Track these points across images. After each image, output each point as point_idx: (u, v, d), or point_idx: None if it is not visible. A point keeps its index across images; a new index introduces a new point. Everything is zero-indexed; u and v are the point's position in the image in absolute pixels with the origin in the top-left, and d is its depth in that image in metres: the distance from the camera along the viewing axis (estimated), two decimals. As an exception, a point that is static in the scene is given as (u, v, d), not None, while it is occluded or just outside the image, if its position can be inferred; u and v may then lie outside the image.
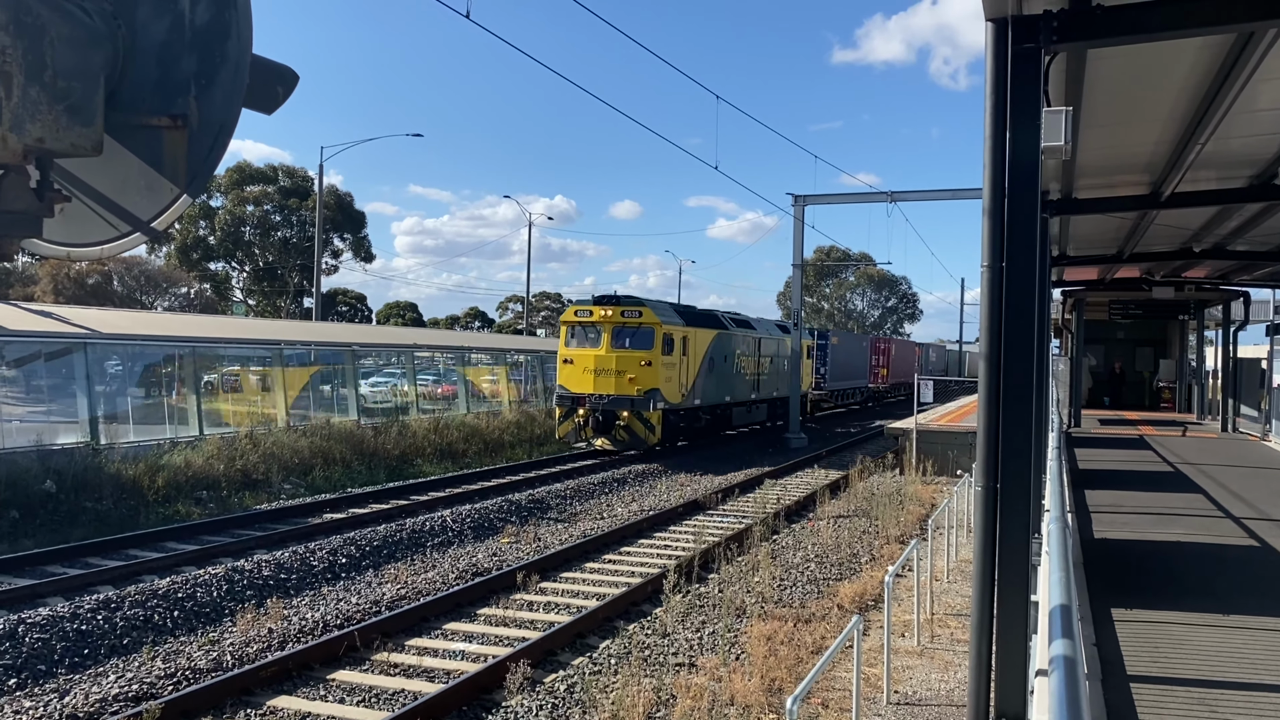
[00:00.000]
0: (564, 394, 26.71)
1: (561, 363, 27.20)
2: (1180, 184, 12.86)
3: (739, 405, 33.74)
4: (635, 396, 25.91)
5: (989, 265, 6.06)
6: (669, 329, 26.84)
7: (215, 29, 2.44)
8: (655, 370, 26.04)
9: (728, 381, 32.04)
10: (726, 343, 31.84)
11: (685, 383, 28.08)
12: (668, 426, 26.93)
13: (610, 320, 26.56)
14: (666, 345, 26.55)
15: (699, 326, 29.51)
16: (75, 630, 10.34)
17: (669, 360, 26.78)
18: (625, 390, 25.96)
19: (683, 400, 27.99)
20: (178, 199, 2.48)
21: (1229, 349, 27.43)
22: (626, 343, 26.38)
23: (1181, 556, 10.56)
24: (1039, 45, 5.92)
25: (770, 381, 37.21)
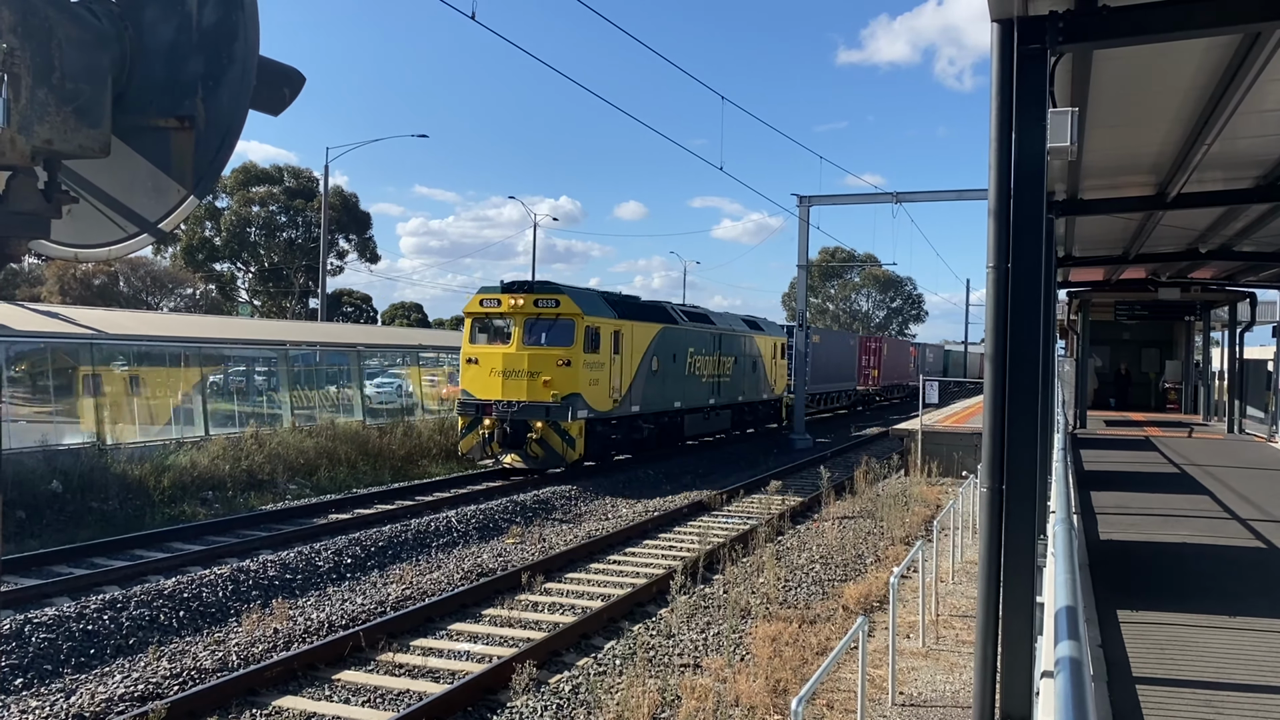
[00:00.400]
0: (468, 400, 22.67)
1: (465, 363, 23.18)
2: (1186, 185, 12.83)
3: (694, 412, 29.50)
4: (551, 403, 21.90)
5: (994, 266, 6.05)
6: (594, 322, 22.91)
7: (222, 30, 2.44)
8: (576, 371, 22.09)
9: (678, 385, 27.96)
10: (675, 339, 27.75)
11: (618, 386, 24.09)
12: (594, 439, 23.06)
13: (522, 311, 22.58)
14: (590, 341, 22.67)
15: (637, 319, 25.51)
16: (81, 630, 10.36)
17: (595, 359, 22.85)
18: (539, 396, 21.98)
19: (615, 407, 24.02)
20: (185, 200, 2.49)
21: (1235, 350, 27.36)
22: (542, 339, 22.45)
23: (1187, 558, 10.53)
24: (1045, 46, 5.91)
25: (734, 384, 32.92)
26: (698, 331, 29.60)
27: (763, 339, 36.34)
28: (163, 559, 13.59)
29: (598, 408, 23.01)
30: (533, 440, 21.92)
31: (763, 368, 36.06)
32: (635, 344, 25.09)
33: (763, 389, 36.20)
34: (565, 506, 19.65)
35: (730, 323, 33.57)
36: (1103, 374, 35.83)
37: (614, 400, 23.92)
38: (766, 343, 36.61)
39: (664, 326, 27.16)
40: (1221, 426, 27.77)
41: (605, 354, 23.40)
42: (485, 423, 22.16)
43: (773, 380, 37.23)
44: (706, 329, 30.45)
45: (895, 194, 33.75)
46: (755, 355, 35.07)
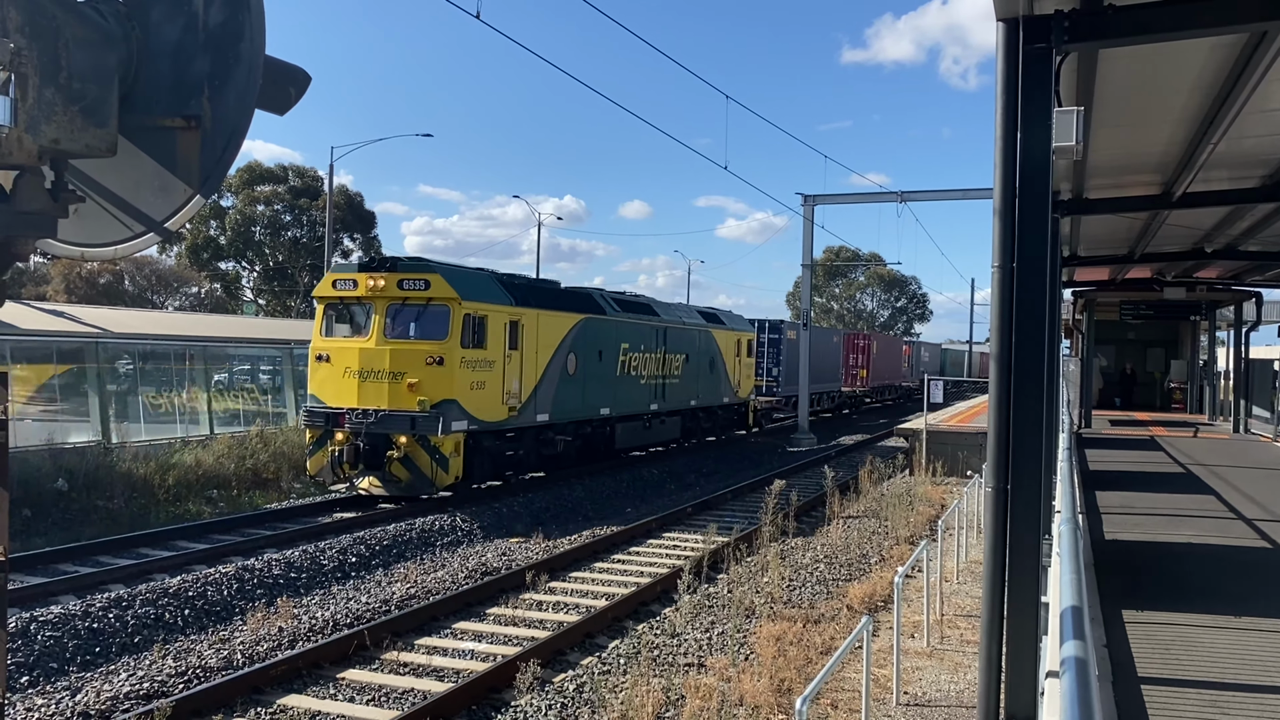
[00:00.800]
0: (316, 409, 18.06)
1: (314, 360, 18.46)
2: (1192, 184, 12.80)
3: (629, 420, 25.05)
4: (418, 413, 17.35)
5: (999, 265, 6.05)
6: (477, 309, 18.33)
7: (229, 30, 2.45)
8: (450, 372, 17.59)
9: (607, 388, 23.62)
10: (603, 333, 23.43)
11: (516, 391, 19.66)
12: (481, 457, 18.72)
13: (383, 295, 17.99)
14: (472, 333, 18.19)
15: (546, 308, 21.04)
16: (86, 628, 10.39)
17: (479, 357, 18.40)
18: (403, 403, 17.51)
19: (513, 416, 19.57)
20: (191, 199, 2.50)
21: (1241, 350, 27.30)
22: (409, 330, 18.08)
23: (1193, 558, 10.51)
24: (1050, 45, 5.91)
25: (686, 387, 28.59)
26: (635, 324, 25.35)
27: (723, 334, 31.83)
28: (168, 557, 13.62)
29: (484, 417, 18.59)
30: (394, 460, 17.48)
31: (723, 367, 31.66)
32: (543, 338, 20.79)
33: (723, 391, 31.80)
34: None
35: (680, 315, 29.40)
36: (1108, 374, 35.77)
37: (510, 408, 19.50)
38: (728, 339, 32.24)
39: (586, 318, 22.67)
40: (1227, 426, 27.72)
41: (496, 349, 18.97)
42: (337, 437, 17.74)
43: (736, 381, 32.78)
44: (646, 321, 26.19)
45: (900, 193, 33.74)
46: (713, 353, 30.82)
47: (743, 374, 33.56)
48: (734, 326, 33.32)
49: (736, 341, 32.99)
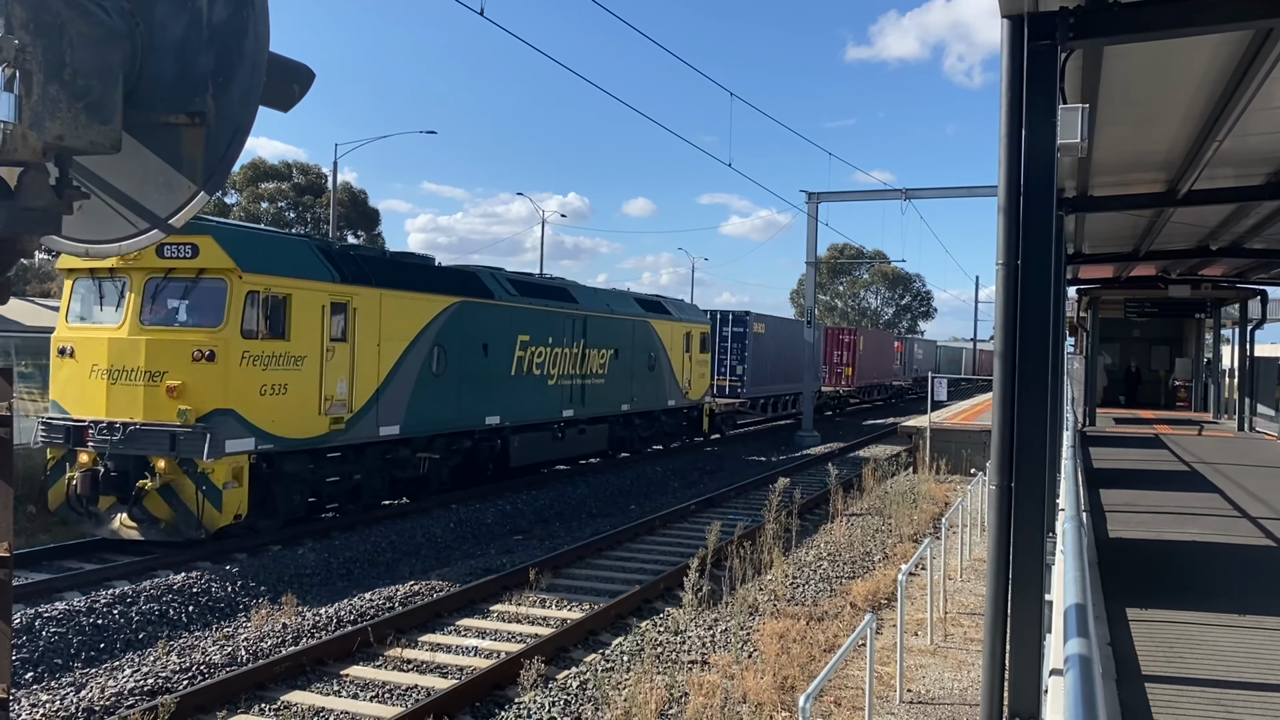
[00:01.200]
0: (56, 420, 13.88)
1: (55, 354, 14.17)
2: (1197, 181, 12.78)
3: (532, 430, 20.60)
4: (179, 428, 13.03)
5: (1004, 263, 6.04)
6: (269, 284, 13.88)
7: (233, 27, 2.45)
8: (224, 371, 13.24)
9: (494, 391, 19.06)
10: (487, 321, 18.75)
11: (344, 396, 15.18)
12: (284, 486, 14.49)
13: (140, 265, 13.52)
14: (263, 318, 13.82)
15: (393, 287, 16.35)
16: (91, 624, 10.41)
17: (274, 350, 13.94)
18: (163, 414, 13.21)
19: (337, 430, 15.12)
20: (195, 196, 2.50)
21: (1246, 348, 27.25)
22: (175, 313, 13.69)
23: (1197, 556, 10.50)
24: (1055, 42, 5.89)
25: (615, 388, 24.24)
26: (539, 312, 20.73)
27: (668, 326, 27.66)
28: (173, 554, 13.63)
29: (287, 433, 14.13)
30: (147, 491, 13.14)
31: (667, 365, 27.51)
32: (390, 327, 16.22)
33: (668, 393, 27.52)
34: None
35: (607, 302, 24.85)
36: (1112, 371, 35.73)
37: (335, 419, 15.04)
38: (674, 331, 28.06)
39: (460, 302, 17.84)
40: (1232, 424, 27.68)
41: (307, 341, 14.55)
42: (80, 459, 13.62)
43: (685, 381, 28.54)
44: (557, 308, 21.65)
45: (904, 190, 33.71)
46: (653, 348, 26.53)
47: (694, 372, 29.26)
48: (683, 317, 29.08)
49: (686, 335, 28.70)
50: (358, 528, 15.60)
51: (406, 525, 15.99)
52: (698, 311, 31.93)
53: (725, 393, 34.46)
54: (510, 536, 16.60)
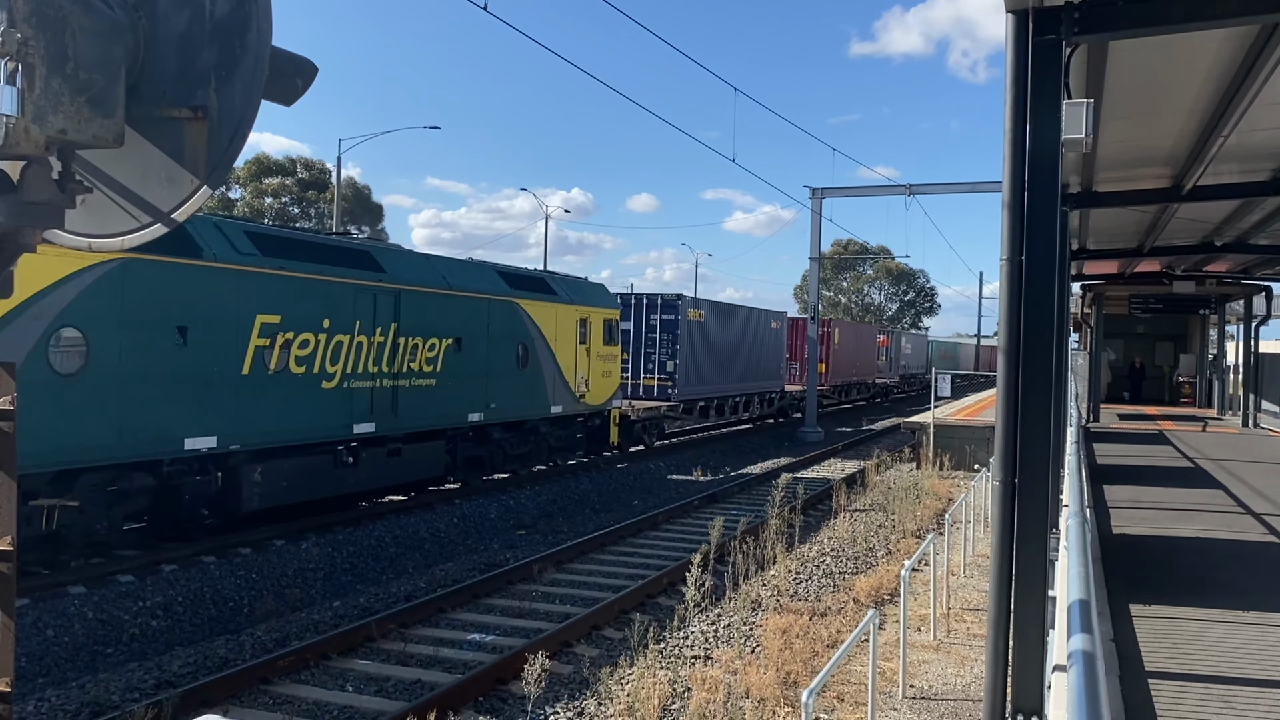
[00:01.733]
0: None
1: None
2: (1202, 177, 12.74)
3: (290, 455, 14.46)
4: None
5: (1008, 259, 6.02)
6: None
7: (235, 21, 2.45)
8: None
9: (206, 398, 13.04)
10: (182, 292, 12.62)
11: None
12: None
13: None
14: None
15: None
16: (96, 619, 10.44)
17: None
18: None
19: None
20: (198, 190, 2.50)
21: (1251, 344, 27.20)
22: None
23: (1201, 552, 10.48)
24: (1060, 37, 5.87)
25: (457, 391, 18.18)
26: (297, 282, 14.42)
27: (549, 309, 21.19)
28: (178, 549, 13.64)
29: None
30: None
31: (548, 360, 21.17)
32: None
33: (551, 397, 21.25)
34: None
35: (441, 274, 18.23)
36: (1116, 367, 35.68)
37: None
38: (560, 317, 21.77)
39: (119, 261, 11.76)
40: (1236, 421, 27.63)
41: None
42: None
43: (579, 381, 22.43)
44: (337, 278, 15.25)
45: (908, 186, 33.65)
46: (526, 337, 20.29)
47: (595, 370, 23.21)
48: (576, 299, 22.75)
49: (580, 322, 22.65)
50: (362, 523, 15.63)
51: (410, 520, 16.01)
52: (602, 293, 25.00)
53: (653, 395, 28.46)
54: (513, 531, 16.61)
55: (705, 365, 30.60)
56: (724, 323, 32.56)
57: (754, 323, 35.40)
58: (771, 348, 37.25)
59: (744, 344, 34.06)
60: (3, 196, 2.28)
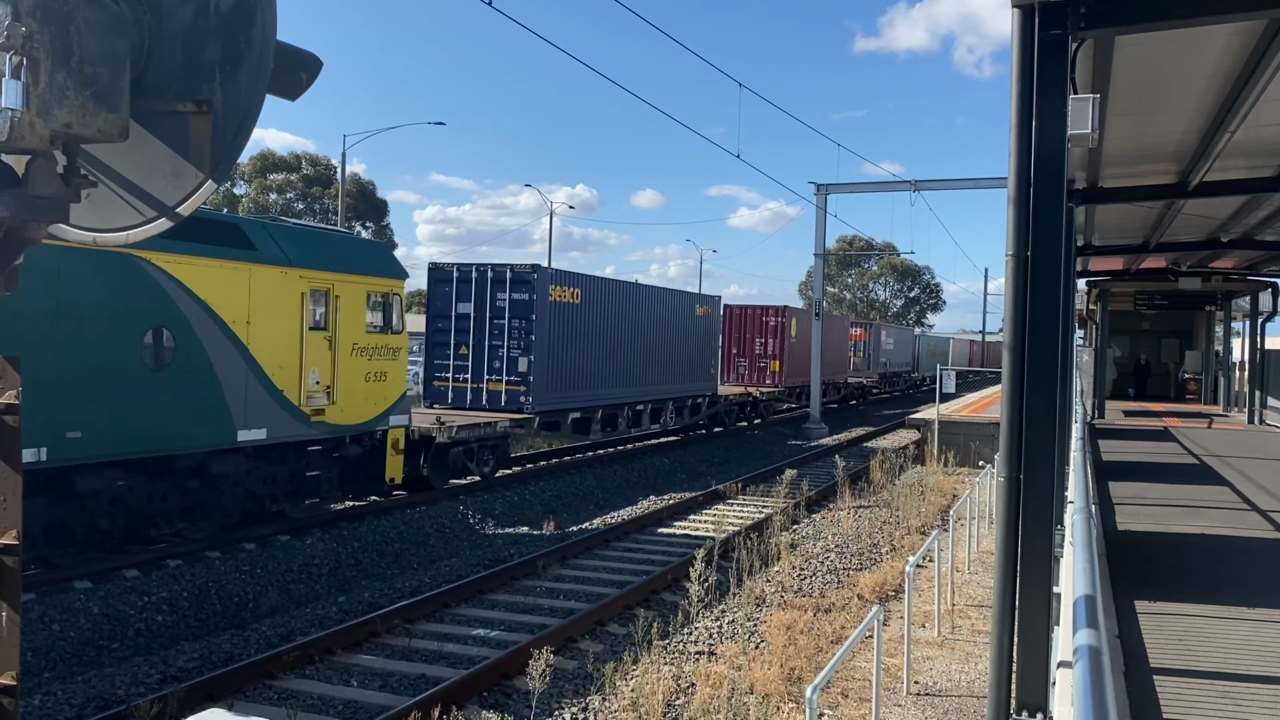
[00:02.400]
0: None
1: None
2: (1208, 173, 12.70)
3: None
4: None
5: (1013, 255, 6.01)
6: None
7: (240, 15, 2.45)
8: None
9: None
10: None
11: None
12: None
13: None
14: None
15: None
16: (102, 613, 10.46)
17: None
18: None
19: None
20: (202, 185, 2.50)
21: (1256, 340, 27.13)
22: None
23: (1206, 549, 10.47)
24: (1066, 32, 5.85)
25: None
26: None
27: (236, 274, 13.35)
28: (183, 544, 13.66)
29: None
30: None
31: (225, 355, 13.18)
32: None
33: (241, 414, 13.44)
34: None
35: None
36: (1122, 364, 35.61)
37: None
38: (264, 286, 13.86)
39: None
40: (1242, 417, 27.58)
41: None
42: None
43: (305, 391, 14.50)
44: None
45: (914, 182, 33.57)
46: (170, 319, 12.42)
47: (347, 371, 15.47)
48: (301, 259, 14.66)
49: (311, 295, 14.83)
50: (366, 518, 15.64)
51: (414, 515, 16.02)
52: (368, 253, 17.15)
53: (499, 404, 20.84)
54: (518, 527, 16.62)
55: (581, 363, 22.65)
56: (616, 307, 24.32)
57: (668, 308, 27.37)
58: (698, 340, 29.07)
59: (652, 335, 26.16)
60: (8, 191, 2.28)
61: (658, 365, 26.59)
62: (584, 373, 22.88)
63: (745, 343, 35.75)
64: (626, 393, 24.96)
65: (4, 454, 2.73)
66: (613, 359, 24.25)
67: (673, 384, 27.57)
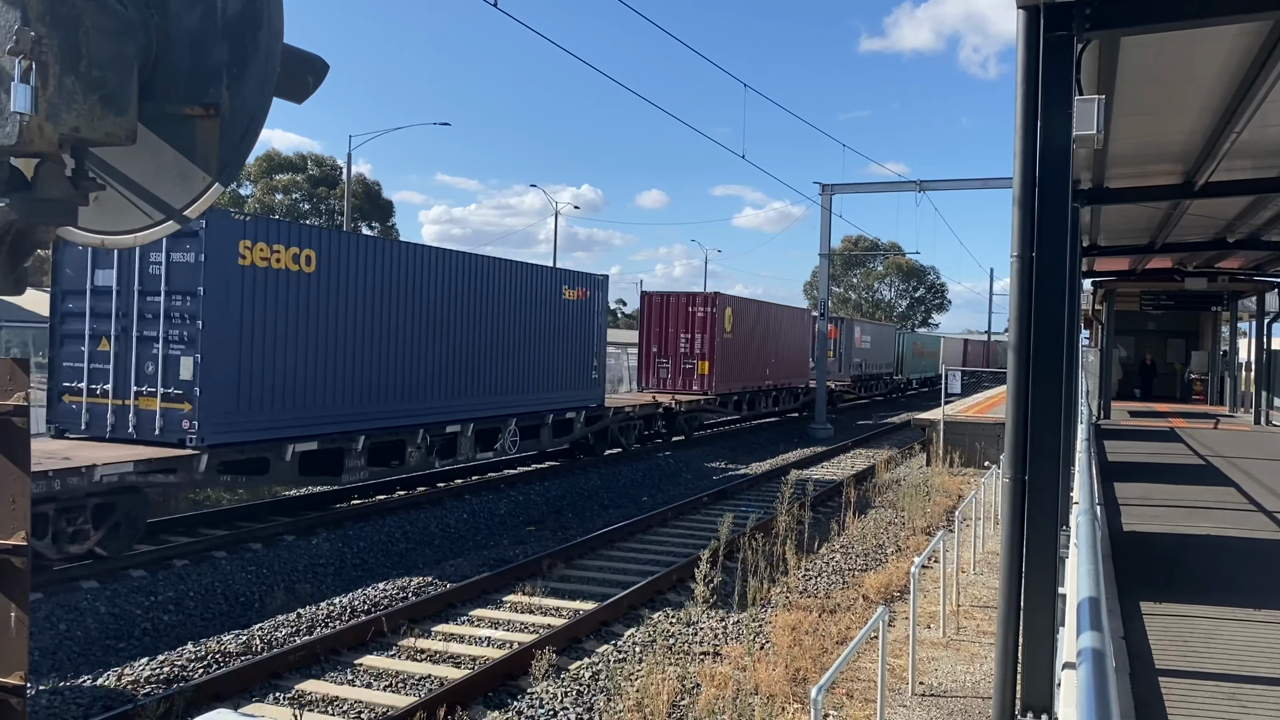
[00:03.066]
0: None
1: None
2: (1214, 173, 12.68)
3: None
4: None
5: (1019, 255, 6.00)
6: None
7: (247, 18, 2.46)
8: None
9: None
10: None
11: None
12: None
13: None
14: None
15: None
16: (109, 613, 10.49)
17: None
18: None
19: None
20: (210, 187, 2.51)
21: (1263, 341, 27.06)
22: None
23: (1212, 550, 10.44)
24: (1072, 33, 5.84)
25: None
26: None
27: None
28: (189, 543, 13.70)
29: None
30: None
31: None
32: None
33: None
34: None
35: None
36: (1127, 364, 35.53)
37: None
38: None
39: None
40: (1248, 418, 27.50)
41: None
42: None
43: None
44: None
45: (919, 182, 33.56)
46: None
47: None
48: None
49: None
50: (371, 517, 15.67)
51: (420, 515, 16.04)
52: None
53: (153, 433, 13.30)
54: (523, 527, 16.63)
55: (319, 365, 15.01)
56: (393, 280, 16.49)
57: (506, 286, 19.83)
58: (569, 334, 21.93)
59: (473, 325, 18.77)
60: (17, 194, 2.30)
61: (488, 368, 19.14)
62: (326, 380, 15.11)
63: (668, 340, 29.06)
64: (422, 409, 17.14)
65: (13, 456, 2.75)
66: (391, 359, 16.52)
67: (520, 395, 20.04)
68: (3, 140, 2.15)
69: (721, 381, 29.21)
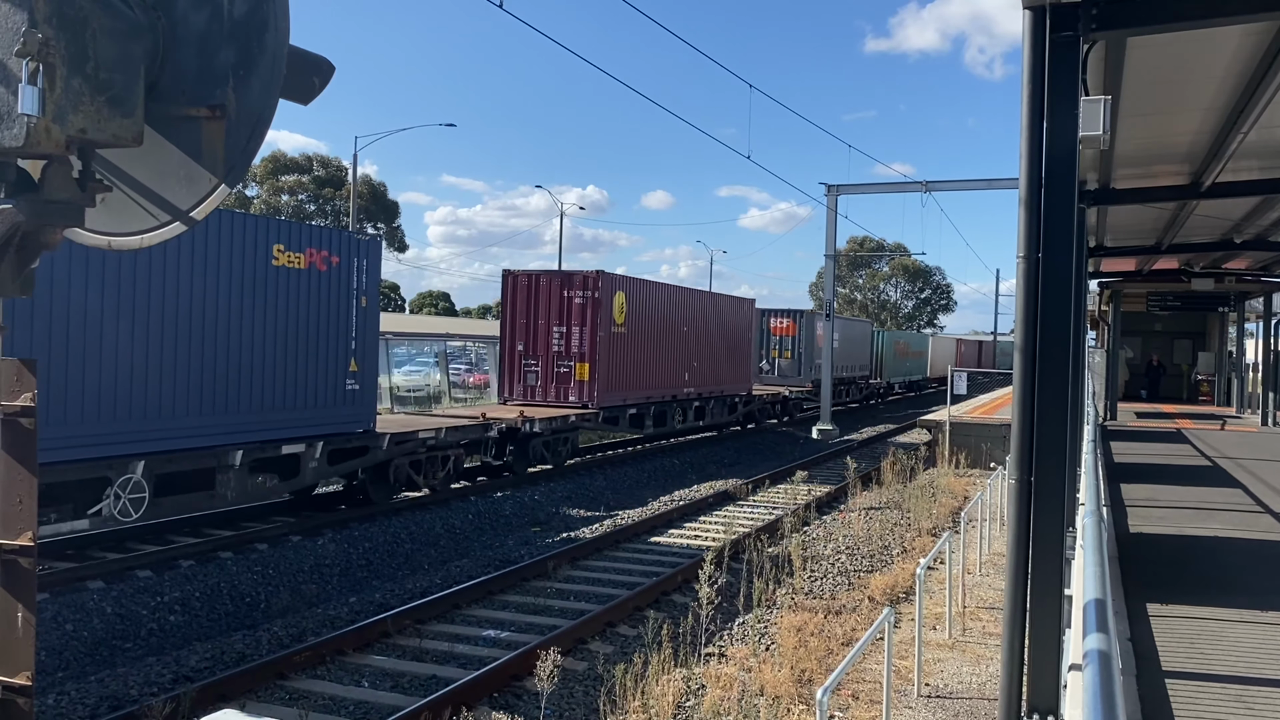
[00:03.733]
0: None
1: None
2: (1221, 174, 12.65)
3: None
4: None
5: (1024, 256, 5.99)
6: None
7: (254, 20, 2.47)
8: None
9: None
10: None
11: None
12: None
13: None
14: None
15: None
16: (115, 614, 10.51)
17: None
18: None
19: None
20: (216, 188, 2.52)
21: (1270, 342, 26.97)
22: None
23: (1219, 552, 10.42)
24: (1078, 33, 5.83)
25: None
26: None
27: None
28: (196, 544, 13.72)
29: None
30: None
31: None
32: None
33: None
34: None
35: None
36: (1134, 365, 35.45)
37: None
38: None
39: None
40: (1255, 419, 27.42)
41: None
42: None
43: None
44: None
45: (925, 183, 33.51)
46: None
47: None
48: None
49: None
50: (377, 518, 15.68)
51: (425, 516, 16.05)
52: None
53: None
54: (529, 528, 16.63)
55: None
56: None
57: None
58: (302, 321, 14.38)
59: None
60: (24, 195, 2.30)
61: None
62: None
63: (538, 335, 22.47)
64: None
65: (21, 456, 2.75)
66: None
67: (154, 421, 12.18)
68: (10, 142, 2.16)
69: (609, 390, 22.37)
